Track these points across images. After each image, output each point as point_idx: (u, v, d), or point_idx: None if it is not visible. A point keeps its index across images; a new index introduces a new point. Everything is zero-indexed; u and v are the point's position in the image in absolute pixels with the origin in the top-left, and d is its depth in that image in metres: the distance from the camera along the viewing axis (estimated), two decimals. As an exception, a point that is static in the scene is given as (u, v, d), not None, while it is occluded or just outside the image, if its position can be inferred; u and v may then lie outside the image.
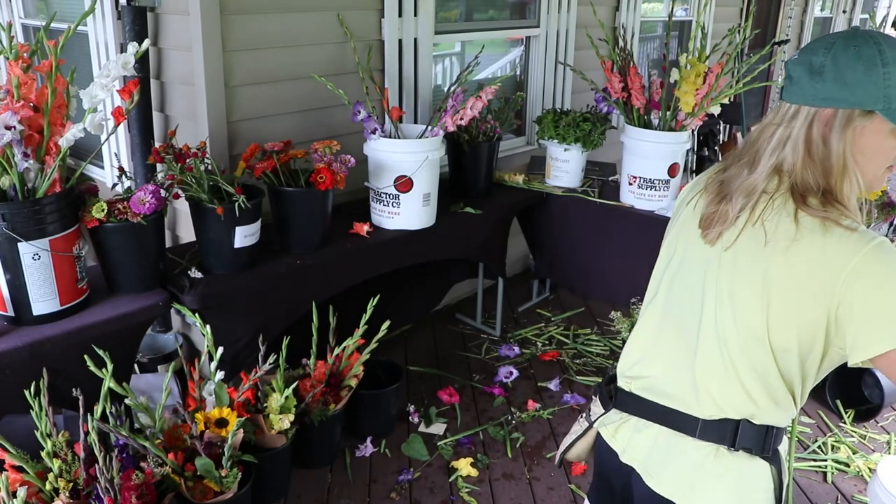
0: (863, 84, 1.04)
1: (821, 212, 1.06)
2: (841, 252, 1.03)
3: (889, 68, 1.03)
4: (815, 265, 1.05)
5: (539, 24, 3.87)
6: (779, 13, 6.55)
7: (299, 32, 2.79)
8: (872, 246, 1.02)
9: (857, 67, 1.04)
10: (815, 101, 1.07)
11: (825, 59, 1.06)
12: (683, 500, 1.20)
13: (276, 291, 2.44)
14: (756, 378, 1.13)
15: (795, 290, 1.07)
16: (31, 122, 1.86)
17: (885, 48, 1.04)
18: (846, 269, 1.02)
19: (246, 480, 2.16)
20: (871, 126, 1.06)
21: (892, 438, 2.87)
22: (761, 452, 1.17)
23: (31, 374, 1.89)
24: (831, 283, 1.03)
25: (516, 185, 3.38)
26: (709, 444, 1.18)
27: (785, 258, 1.07)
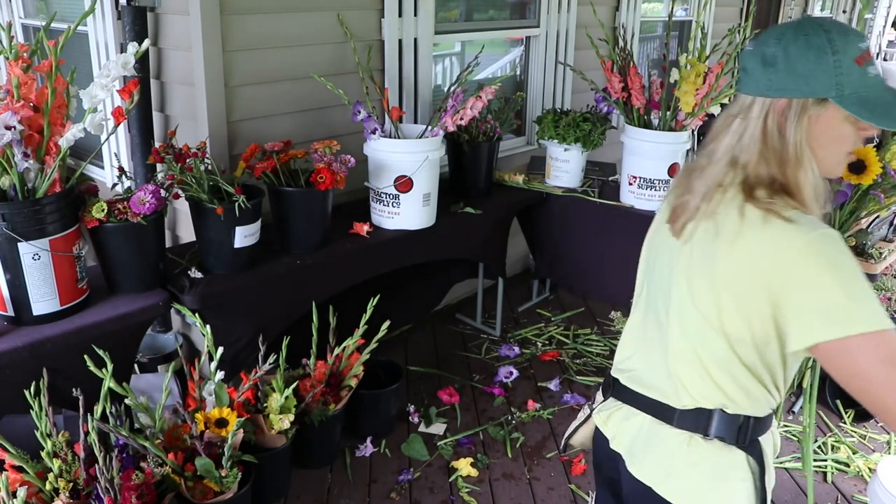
0: (814, 73, 1.05)
1: (765, 203, 1.08)
2: (779, 244, 1.05)
3: (839, 56, 1.04)
4: (755, 257, 1.07)
5: (539, 24, 3.87)
6: (779, 13, 6.55)
7: (299, 32, 2.79)
8: (810, 238, 1.03)
9: (808, 57, 1.05)
10: (770, 92, 1.09)
11: (777, 49, 1.08)
12: (660, 486, 1.23)
13: (276, 291, 2.44)
14: (721, 369, 1.15)
15: (741, 282, 1.08)
16: (31, 122, 1.86)
17: (834, 36, 1.05)
18: (784, 261, 1.03)
19: (246, 480, 2.16)
20: (826, 114, 1.07)
21: (892, 438, 2.87)
22: (736, 442, 1.19)
23: (31, 374, 1.89)
24: (770, 275, 1.05)
25: (516, 185, 3.38)
26: (684, 432, 1.21)
27: (731, 250, 1.09)
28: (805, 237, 1.03)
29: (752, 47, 1.12)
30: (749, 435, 1.19)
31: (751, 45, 1.13)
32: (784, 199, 1.08)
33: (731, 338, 1.12)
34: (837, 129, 1.08)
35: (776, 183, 1.10)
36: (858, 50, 1.05)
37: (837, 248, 1.03)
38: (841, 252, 1.03)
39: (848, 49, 1.05)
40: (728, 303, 1.10)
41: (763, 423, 1.20)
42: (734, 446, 1.19)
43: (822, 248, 1.02)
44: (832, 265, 1.02)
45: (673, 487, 1.22)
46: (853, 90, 1.05)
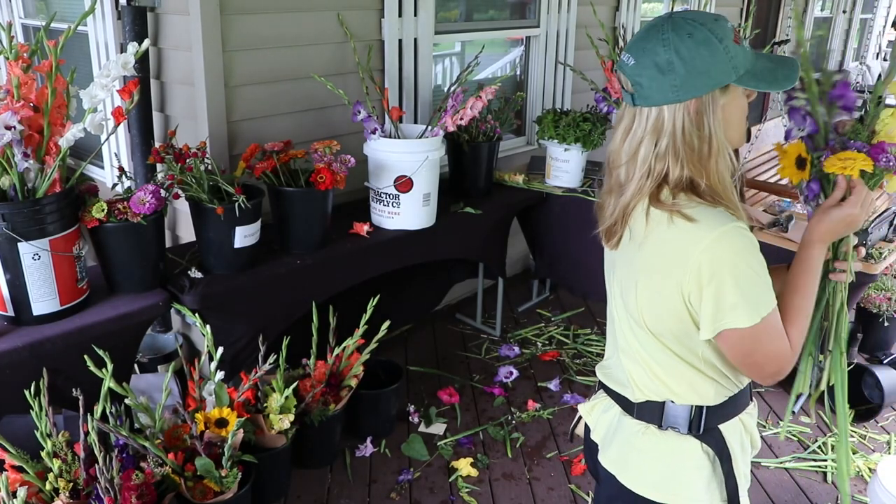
0: (713, 65, 1.08)
1: (668, 205, 1.12)
2: (683, 244, 1.10)
3: (725, 42, 1.09)
4: (662, 257, 1.13)
5: (539, 24, 3.87)
6: (779, 13, 6.55)
7: (299, 32, 2.79)
8: (713, 237, 1.08)
9: (702, 53, 1.08)
10: (678, 96, 1.10)
11: (669, 55, 1.09)
12: (621, 474, 1.30)
13: (276, 291, 2.44)
14: (659, 363, 1.22)
15: (653, 280, 1.16)
16: (31, 122, 1.86)
17: (711, 26, 1.09)
18: (689, 259, 1.09)
19: (246, 480, 2.16)
20: (731, 97, 1.12)
21: (892, 438, 2.87)
22: (689, 431, 1.24)
23: (31, 374, 1.89)
24: (678, 273, 1.11)
25: (516, 185, 3.38)
26: (642, 423, 1.28)
27: (641, 252, 1.17)
28: (709, 235, 1.08)
29: (634, 61, 1.12)
30: (703, 423, 1.23)
31: (630, 59, 1.13)
32: (688, 195, 1.13)
33: (656, 333, 1.19)
34: (740, 105, 1.14)
35: (682, 181, 1.13)
36: (730, 30, 1.10)
37: (738, 243, 1.08)
38: (741, 248, 1.08)
39: (725, 33, 1.09)
40: (645, 301, 1.18)
41: (721, 411, 1.24)
42: (688, 435, 1.24)
43: (723, 245, 1.08)
44: (732, 263, 1.08)
45: (632, 475, 1.29)
46: (745, 68, 1.10)
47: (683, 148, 1.12)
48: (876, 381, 2.94)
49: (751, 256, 1.09)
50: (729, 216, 1.10)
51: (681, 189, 1.13)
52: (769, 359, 1.15)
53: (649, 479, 1.27)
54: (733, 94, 1.12)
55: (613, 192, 1.21)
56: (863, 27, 8.71)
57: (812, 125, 1.27)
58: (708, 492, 1.24)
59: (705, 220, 1.09)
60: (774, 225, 3.02)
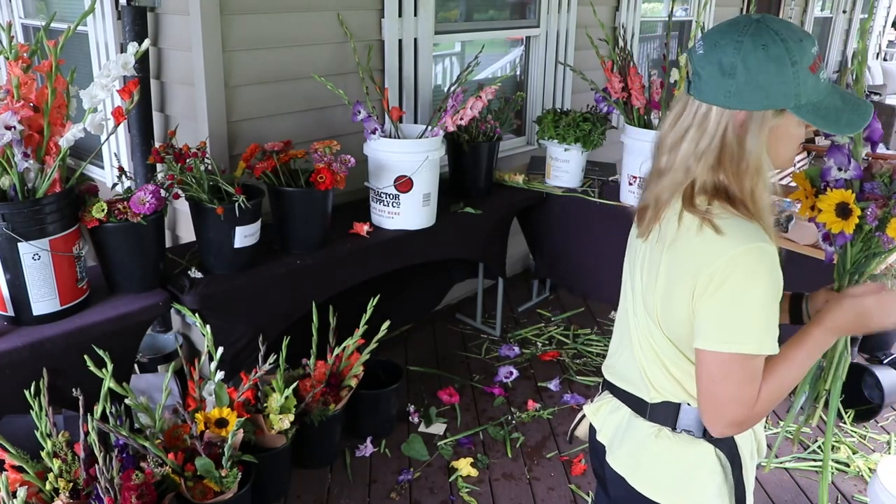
0: (775, 85, 1.04)
1: (701, 211, 1.10)
2: (706, 253, 1.07)
3: (797, 67, 1.04)
4: (686, 263, 1.10)
5: (539, 24, 3.87)
6: (779, 13, 6.55)
7: (299, 32, 2.79)
8: (735, 253, 1.05)
9: (768, 69, 1.04)
10: (728, 103, 1.07)
11: (735, 59, 1.05)
12: (631, 477, 1.28)
13: (276, 291, 2.44)
14: (674, 364, 1.20)
15: (673, 285, 1.13)
16: (31, 122, 1.86)
17: (791, 45, 1.04)
18: (708, 270, 1.06)
19: (246, 480, 2.16)
20: (783, 122, 1.08)
21: (892, 438, 2.87)
22: (703, 435, 1.21)
23: (31, 374, 1.89)
24: (695, 280, 1.08)
25: (516, 185, 3.38)
26: (655, 425, 1.25)
27: (668, 255, 1.14)
28: (732, 251, 1.05)
29: (703, 51, 1.09)
30: None
31: (701, 47, 1.10)
32: (723, 205, 1.10)
33: (671, 335, 1.18)
34: (793, 132, 1.11)
35: (720, 189, 1.11)
36: (812, 57, 1.05)
37: (759, 266, 1.05)
38: (762, 272, 1.05)
39: (804, 58, 1.04)
40: (662, 303, 1.16)
41: None
42: (702, 440, 1.22)
43: (746, 265, 1.05)
44: (746, 284, 1.05)
45: (642, 478, 1.27)
46: (808, 98, 1.06)
47: (723, 154, 1.09)
48: (876, 381, 2.94)
49: (767, 287, 1.06)
50: (761, 234, 1.07)
51: (716, 197, 1.11)
52: (731, 401, 1.10)
53: (661, 483, 1.25)
54: (788, 119, 1.08)
55: (654, 178, 1.19)
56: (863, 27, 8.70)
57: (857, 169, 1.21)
58: (719, 497, 1.22)
59: (734, 233, 1.06)
60: (774, 225, 3.02)
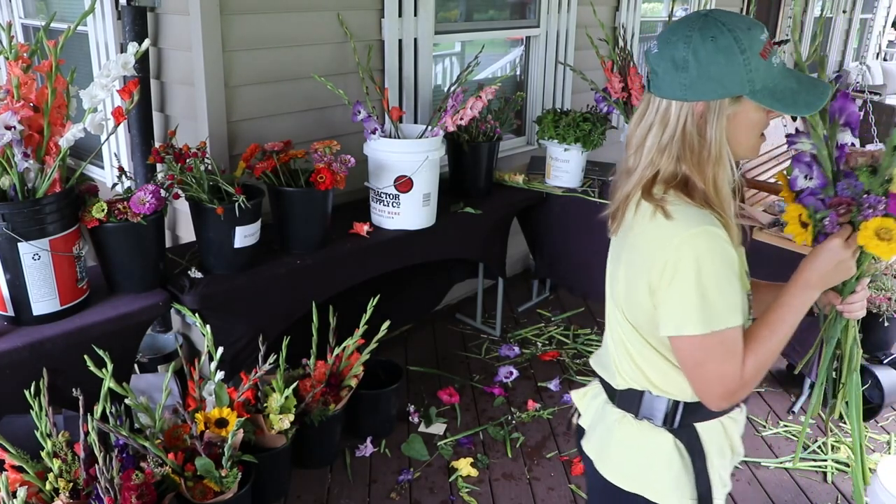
0: (727, 74, 1.07)
1: (657, 199, 1.13)
2: (657, 238, 1.11)
3: (747, 54, 1.07)
4: (639, 251, 1.15)
5: (539, 24, 3.87)
6: (779, 13, 6.55)
7: (299, 32, 2.79)
8: (685, 236, 1.08)
9: (718, 59, 1.07)
10: (685, 96, 1.10)
11: (686, 53, 1.08)
12: (598, 461, 1.33)
13: (276, 291, 2.44)
14: (638, 352, 1.23)
15: (631, 272, 1.18)
16: (31, 122, 1.86)
17: (739, 34, 1.06)
18: (660, 254, 1.10)
19: (246, 480, 2.16)
20: (742, 109, 1.10)
21: (892, 438, 2.87)
22: (663, 424, 1.24)
23: (31, 374, 1.89)
24: (650, 267, 1.12)
25: (516, 185, 3.38)
26: (620, 411, 1.29)
27: (628, 242, 1.19)
28: (681, 234, 1.08)
29: (657, 49, 1.12)
30: (679, 419, 1.23)
31: (655, 46, 1.13)
32: (678, 193, 1.12)
33: (633, 324, 1.21)
34: (752, 119, 1.12)
35: (680, 179, 1.13)
36: (761, 43, 1.07)
37: (708, 246, 1.07)
38: (710, 253, 1.07)
39: (753, 45, 1.07)
40: (624, 289, 1.20)
41: (699, 409, 1.22)
42: (662, 428, 1.24)
43: (694, 246, 1.07)
44: (697, 265, 1.07)
45: (606, 462, 1.31)
46: (763, 84, 1.08)
47: (684, 146, 1.12)
48: (876, 381, 2.94)
49: (719, 265, 1.08)
50: (709, 219, 1.09)
51: (674, 186, 1.13)
52: (717, 378, 1.12)
53: (623, 469, 1.29)
54: (745, 106, 1.10)
55: (623, 177, 1.22)
56: (863, 27, 8.71)
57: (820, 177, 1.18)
58: (677, 488, 1.24)
59: (683, 218, 1.09)
60: (774, 225, 3.02)
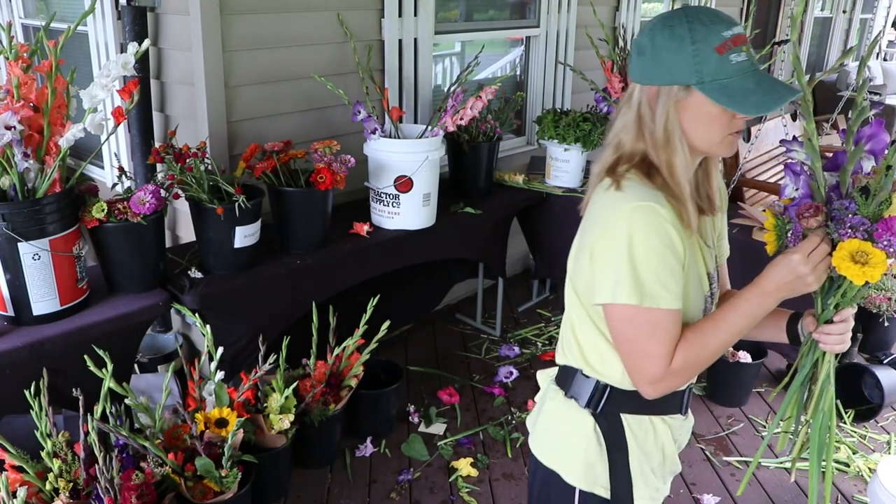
0: (675, 62, 1.10)
1: (618, 175, 1.16)
2: (605, 208, 1.15)
3: (698, 45, 1.08)
4: (591, 216, 1.19)
5: (539, 24, 3.87)
6: (779, 13, 6.55)
7: (299, 32, 2.79)
8: (626, 208, 1.10)
9: (670, 47, 1.10)
10: (642, 79, 1.15)
11: (646, 39, 1.14)
12: (531, 431, 1.39)
13: (276, 291, 2.44)
14: (580, 328, 1.25)
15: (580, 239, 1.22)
16: (31, 122, 1.86)
17: (696, 26, 1.09)
18: (603, 223, 1.14)
19: (246, 480, 2.16)
20: (692, 99, 1.11)
21: (892, 438, 2.87)
22: (586, 405, 1.26)
23: (31, 374, 1.89)
24: (592, 232, 1.17)
25: (516, 185, 3.38)
26: (556, 386, 1.33)
27: (586, 215, 1.23)
28: (624, 205, 1.11)
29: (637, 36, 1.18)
30: (604, 403, 1.24)
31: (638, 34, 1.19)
32: (638, 173, 1.15)
33: (577, 290, 1.24)
34: (706, 111, 1.12)
35: (643, 160, 1.17)
36: (721, 38, 1.08)
37: (646, 221, 1.09)
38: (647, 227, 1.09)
39: (709, 38, 1.08)
40: (575, 256, 1.23)
41: (627, 399, 1.23)
42: (585, 410, 1.26)
43: (632, 218, 1.10)
44: (632, 237, 1.09)
45: (533, 435, 1.38)
46: (713, 77, 1.09)
47: (641, 127, 1.16)
48: (876, 381, 2.94)
49: (655, 242, 1.10)
50: (657, 198, 1.11)
51: (636, 165, 1.16)
52: (643, 357, 1.13)
53: (542, 444, 1.34)
54: (696, 97, 1.11)
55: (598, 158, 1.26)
56: (863, 27, 8.71)
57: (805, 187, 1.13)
58: (588, 473, 1.25)
59: (631, 192, 1.12)
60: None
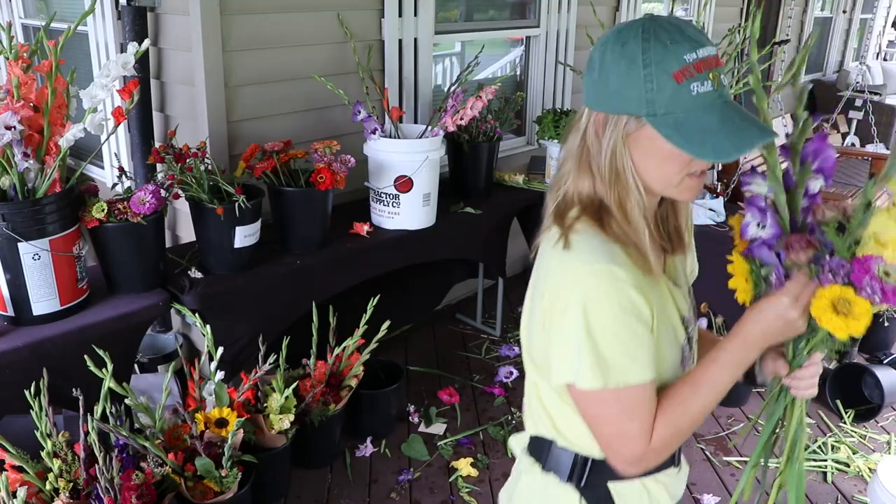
0: (624, 87, 0.91)
1: (566, 224, 0.99)
2: (555, 271, 0.98)
3: (651, 70, 0.89)
4: (540, 278, 1.02)
5: (539, 24, 3.87)
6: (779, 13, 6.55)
7: (299, 32, 2.79)
8: (581, 273, 0.94)
9: (618, 68, 0.91)
10: (588, 102, 0.98)
11: (597, 54, 0.95)
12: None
13: (276, 291, 2.44)
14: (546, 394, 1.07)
15: (534, 304, 1.02)
16: (31, 122, 1.86)
17: (652, 44, 0.89)
18: (556, 289, 0.97)
19: (246, 480, 2.16)
20: (645, 132, 0.93)
21: (892, 438, 2.87)
22: (568, 480, 1.07)
23: (31, 374, 1.89)
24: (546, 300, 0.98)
25: (516, 185, 3.38)
26: (530, 458, 1.14)
27: (534, 272, 1.05)
28: (576, 270, 0.94)
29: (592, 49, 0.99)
30: (587, 476, 1.07)
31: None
32: (589, 220, 0.98)
33: (539, 368, 1.05)
34: (659, 147, 0.93)
35: (594, 202, 0.99)
36: (680, 62, 0.89)
37: (603, 288, 0.93)
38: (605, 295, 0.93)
39: (665, 61, 0.89)
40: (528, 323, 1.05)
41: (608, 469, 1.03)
42: (568, 485, 1.08)
43: (586, 286, 0.93)
44: (588, 308, 0.93)
45: None
46: (667, 110, 0.90)
47: (586, 157, 0.99)
48: (876, 381, 2.94)
49: (617, 309, 0.92)
50: (612, 256, 0.95)
51: (588, 210, 0.99)
52: (617, 438, 0.97)
53: None
54: (647, 131, 0.93)
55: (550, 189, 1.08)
56: (863, 27, 8.71)
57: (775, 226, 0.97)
58: None
59: (582, 251, 0.95)
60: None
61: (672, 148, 0.92)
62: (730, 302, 1.08)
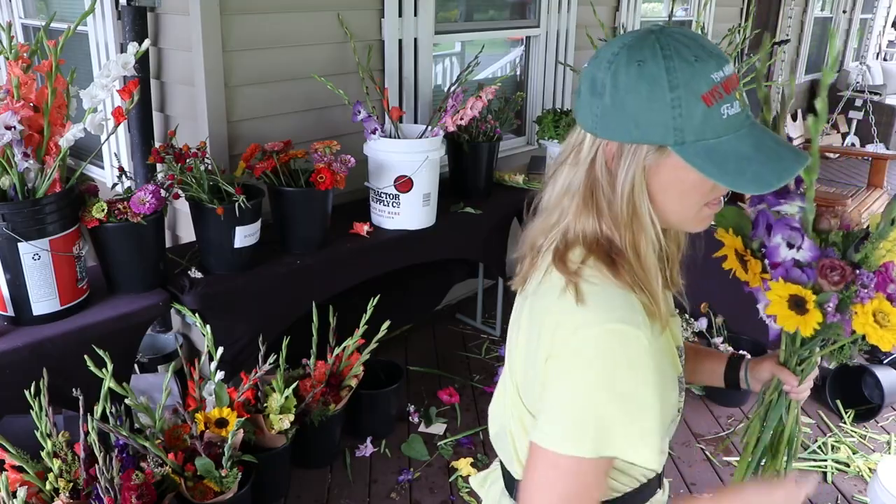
0: (646, 112, 0.81)
1: (570, 271, 0.88)
2: (563, 325, 0.86)
3: (678, 92, 0.79)
4: (542, 327, 0.90)
5: (539, 24, 3.86)
6: (779, 13, 6.55)
7: (299, 32, 2.79)
8: (592, 333, 0.84)
9: (639, 91, 0.81)
10: (597, 129, 0.85)
11: (606, 75, 0.83)
12: None
13: (276, 291, 2.44)
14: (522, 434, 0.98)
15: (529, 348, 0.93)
16: (31, 122, 1.86)
17: (676, 63, 0.80)
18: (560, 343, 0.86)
19: (246, 480, 2.16)
20: (668, 163, 0.83)
21: (892, 438, 2.87)
22: None
23: (31, 374, 1.89)
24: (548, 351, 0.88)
25: (516, 185, 3.38)
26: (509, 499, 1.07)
27: (528, 311, 0.95)
28: (589, 329, 0.84)
29: (588, 63, 0.88)
30: None
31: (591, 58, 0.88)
32: (598, 264, 0.88)
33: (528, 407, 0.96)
34: (685, 179, 0.84)
35: (601, 241, 0.89)
36: (709, 83, 0.80)
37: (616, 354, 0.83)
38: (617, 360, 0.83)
39: (693, 82, 0.80)
40: (521, 367, 0.96)
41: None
42: None
43: (598, 346, 0.84)
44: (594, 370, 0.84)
45: None
46: (697, 137, 0.81)
47: (595, 193, 0.88)
48: (876, 381, 2.94)
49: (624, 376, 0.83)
50: (631, 310, 0.85)
51: (595, 252, 0.89)
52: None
53: None
54: (672, 160, 0.83)
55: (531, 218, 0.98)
56: (863, 27, 8.72)
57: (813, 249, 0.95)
58: None
59: (596, 307, 0.85)
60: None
61: (697, 178, 0.83)
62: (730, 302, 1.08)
